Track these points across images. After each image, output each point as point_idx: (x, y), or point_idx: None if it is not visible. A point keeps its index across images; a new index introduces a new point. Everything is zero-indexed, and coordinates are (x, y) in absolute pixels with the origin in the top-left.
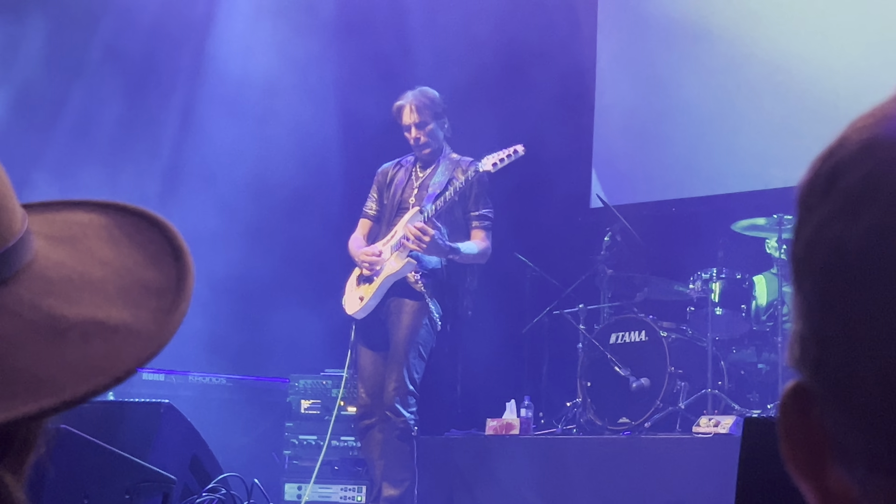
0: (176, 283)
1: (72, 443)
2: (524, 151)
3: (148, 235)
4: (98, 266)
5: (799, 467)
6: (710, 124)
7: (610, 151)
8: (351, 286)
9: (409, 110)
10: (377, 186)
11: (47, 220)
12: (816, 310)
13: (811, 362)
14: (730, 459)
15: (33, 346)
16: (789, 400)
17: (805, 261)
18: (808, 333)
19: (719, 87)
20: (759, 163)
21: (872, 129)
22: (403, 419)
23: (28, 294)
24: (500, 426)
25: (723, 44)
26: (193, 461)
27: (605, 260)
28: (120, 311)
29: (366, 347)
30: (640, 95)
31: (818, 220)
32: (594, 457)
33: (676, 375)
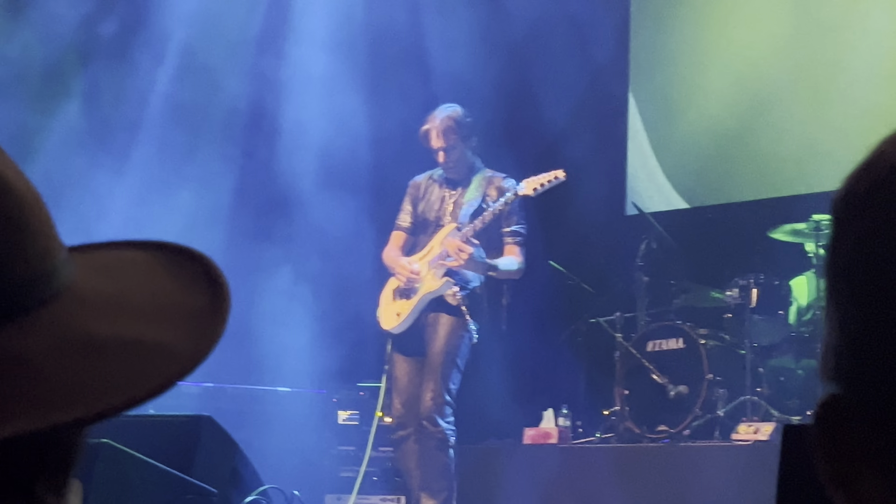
0: (212, 306)
1: (114, 457)
2: (565, 177)
3: (186, 266)
4: (136, 291)
5: (834, 478)
6: (745, 129)
7: (644, 158)
8: (386, 300)
9: (435, 134)
10: (410, 199)
11: (87, 256)
12: (855, 322)
13: (847, 374)
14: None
15: (68, 360)
16: (824, 412)
17: (843, 274)
18: (844, 346)
19: (754, 92)
20: (796, 167)
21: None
22: (440, 429)
23: (65, 314)
24: (537, 435)
25: (756, 49)
26: (234, 474)
27: (641, 267)
28: (156, 331)
29: (401, 359)
30: (674, 101)
31: (857, 233)
32: (633, 465)
33: (715, 382)
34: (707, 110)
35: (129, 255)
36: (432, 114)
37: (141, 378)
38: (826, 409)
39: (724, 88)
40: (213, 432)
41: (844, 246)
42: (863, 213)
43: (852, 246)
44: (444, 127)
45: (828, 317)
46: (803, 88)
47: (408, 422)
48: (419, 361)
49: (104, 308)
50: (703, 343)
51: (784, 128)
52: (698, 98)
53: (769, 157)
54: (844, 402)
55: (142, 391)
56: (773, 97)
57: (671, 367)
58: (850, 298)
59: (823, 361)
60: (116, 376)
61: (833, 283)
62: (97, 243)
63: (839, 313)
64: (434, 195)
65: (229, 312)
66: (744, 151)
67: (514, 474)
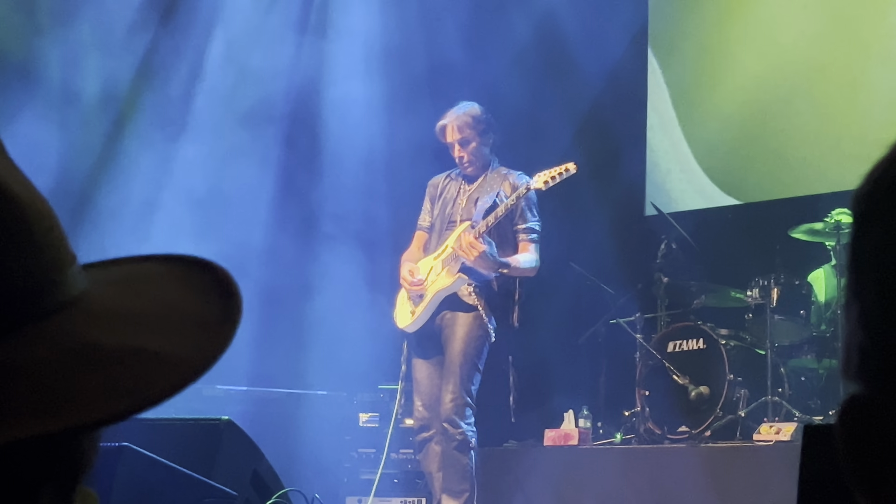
0: (223, 316)
1: (135, 460)
2: (576, 169)
3: (200, 277)
4: (146, 302)
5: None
6: (765, 129)
7: (664, 159)
8: (402, 300)
9: (451, 129)
10: (429, 198)
11: (104, 269)
12: (880, 320)
13: (873, 373)
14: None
15: (69, 368)
16: (848, 412)
17: (868, 270)
18: (869, 343)
19: (771, 91)
20: (815, 167)
21: None
22: (461, 431)
23: (71, 324)
24: (558, 437)
25: (775, 49)
26: (254, 476)
27: (661, 268)
28: (161, 340)
29: (420, 361)
30: (693, 101)
31: (882, 229)
32: (654, 466)
33: (736, 383)
34: (726, 110)
35: (144, 267)
36: (450, 110)
37: (142, 385)
38: (850, 410)
39: (741, 88)
40: (234, 435)
41: (868, 242)
42: (888, 208)
43: (877, 242)
44: (460, 122)
45: (850, 314)
46: (822, 88)
47: (431, 424)
48: (438, 363)
49: (112, 319)
50: (723, 343)
51: (805, 126)
52: (716, 98)
53: (788, 155)
54: (870, 401)
55: (142, 398)
56: (794, 97)
57: (692, 367)
58: (876, 296)
59: (846, 360)
60: (117, 383)
61: (856, 280)
62: (115, 259)
63: (863, 311)
64: (450, 192)
65: (239, 324)
66: (763, 150)
67: (534, 476)
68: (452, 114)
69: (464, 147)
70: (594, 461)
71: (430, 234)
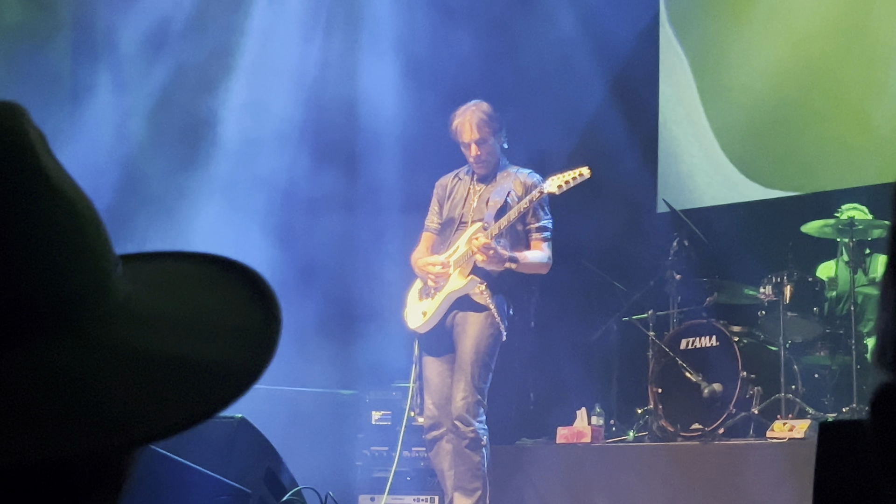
0: (264, 324)
1: (148, 458)
2: (590, 174)
3: (236, 282)
4: (189, 308)
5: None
6: (777, 126)
7: (675, 156)
8: (412, 300)
9: (468, 127)
10: (437, 199)
11: (138, 268)
12: None
13: None
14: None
15: (123, 379)
16: (881, 401)
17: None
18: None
19: (783, 89)
20: (827, 163)
21: None
22: (473, 429)
23: (120, 331)
24: (571, 434)
25: (785, 47)
26: (268, 474)
27: (673, 265)
28: (209, 349)
29: (431, 359)
30: (704, 98)
31: None
32: (667, 464)
33: (749, 380)
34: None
35: (181, 267)
36: (459, 109)
37: (197, 398)
38: (884, 399)
39: (752, 86)
40: (247, 433)
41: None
42: None
43: None
44: (476, 119)
45: (887, 303)
46: (834, 85)
47: (441, 422)
48: (449, 361)
49: (158, 326)
50: (736, 341)
51: (817, 123)
52: (728, 95)
53: (801, 152)
54: None
55: (199, 411)
56: (802, 93)
57: (705, 365)
58: None
59: (881, 348)
60: (173, 397)
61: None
62: (150, 253)
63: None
64: (459, 193)
65: (281, 330)
66: (777, 147)
67: (547, 473)
68: (466, 112)
69: (481, 146)
70: (607, 459)
71: (439, 236)
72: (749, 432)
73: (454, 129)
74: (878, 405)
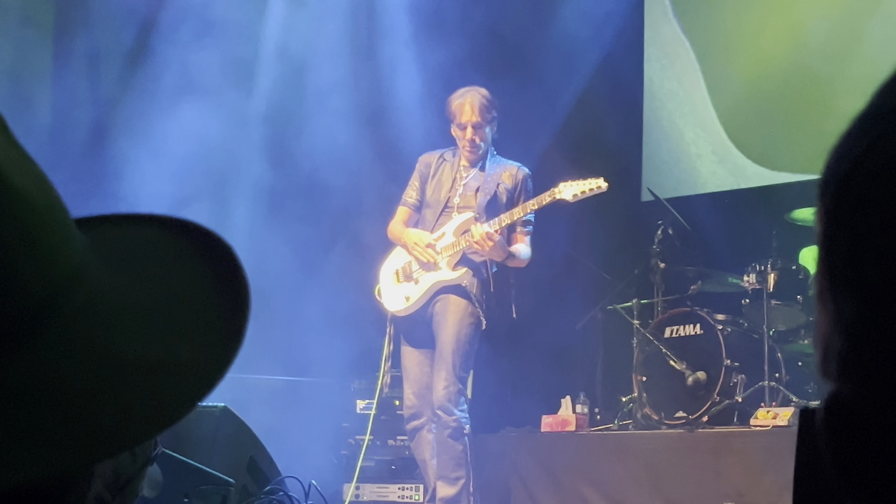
0: (233, 310)
1: None
2: (607, 187)
3: (207, 255)
4: (156, 291)
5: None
6: (761, 112)
7: (660, 144)
8: (389, 279)
9: (469, 109)
10: (419, 175)
11: (104, 237)
12: (861, 324)
13: (856, 375)
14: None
15: (93, 389)
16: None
17: (842, 271)
18: (848, 348)
19: (767, 76)
20: (812, 150)
21: None
22: (455, 418)
23: (85, 331)
24: (555, 423)
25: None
26: (251, 463)
27: (657, 254)
28: (177, 345)
29: (409, 347)
30: (689, 87)
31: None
32: (651, 452)
33: (733, 368)
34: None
35: (146, 235)
36: (459, 90)
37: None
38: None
39: (736, 74)
40: (230, 423)
41: (843, 243)
42: (865, 207)
43: (852, 244)
44: (477, 103)
45: (824, 313)
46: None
47: (422, 411)
48: (428, 350)
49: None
50: (720, 329)
51: (800, 109)
52: (712, 83)
53: (785, 139)
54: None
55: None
56: (787, 79)
57: (689, 353)
58: (852, 300)
59: (823, 360)
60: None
61: (830, 280)
62: (113, 215)
63: (839, 314)
64: (445, 175)
65: (249, 319)
66: (760, 134)
67: (532, 462)
68: (468, 94)
69: (477, 130)
70: (591, 447)
71: (417, 213)
72: (733, 420)
73: (453, 110)
74: (829, 417)
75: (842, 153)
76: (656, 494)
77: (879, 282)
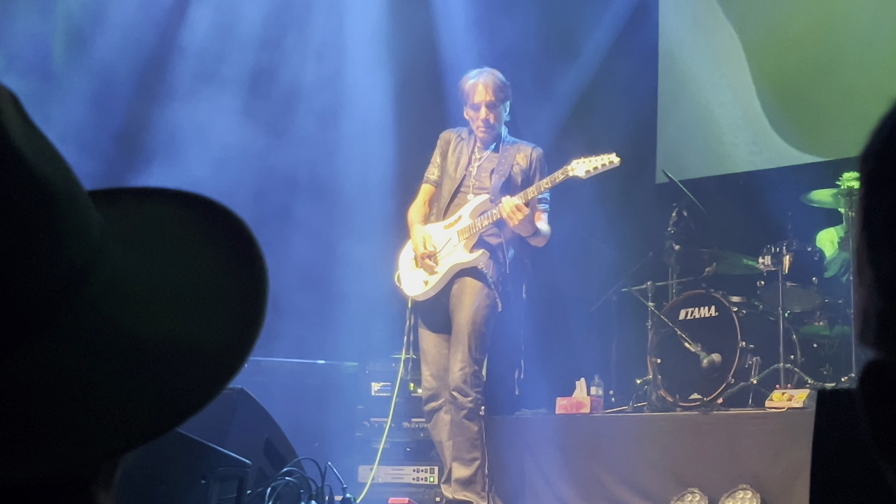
0: (252, 292)
1: None
2: (620, 162)
3: (223, 234)
4: (174, 272)
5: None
6: (777, 95)
7: (674, 126)
8: (408, 265)
9: (482, 88)
10: (440, 151)
11: (122, 214)
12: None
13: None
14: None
15: (116, 375)
16: (869, 379)
17: (882, 234)
18: (888, 308)
19: (783, 59)
20: (828, 133)
21: None
22: (471, 399)
23: (107, 313)
24: (570, 405)
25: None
26: (268, 446)
27: (672, 236)
28: (198, 328)
29: (427, 330)
30: (704, 69)
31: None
32: (666, 434)
33: (748, 350)
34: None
35: (163, 212)
36: (472, 71)
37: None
38: (871, 377)
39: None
40: (247, 405)
41: (882, 205)
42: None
43: (892, 204)
44: (491, 83)
45: (863, 280)
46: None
47: (439, 393)
48: (446, 332)
49: (145, 300)
50: (735, 311)
51: (816, 92)
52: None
53: (802, 121)
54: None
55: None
56: (802, 63)
57: (704, 335)
58: (893, 260)
59: (862, 326)
60: (163, 395)
61: (869, 246)
62: (130, 189)
63: (879, 276)
64: (463, 153)
65: (268, 300)
66: (775, 117)
67: (546, 444)
68: (482, 74)
69: (491, 110)
70: (606, 429)
71: (438, 189)
72: (748, 402)
73: (467, 90)
74: (866, 383)
75: (883, 124)
76: (671, 476)
77: None
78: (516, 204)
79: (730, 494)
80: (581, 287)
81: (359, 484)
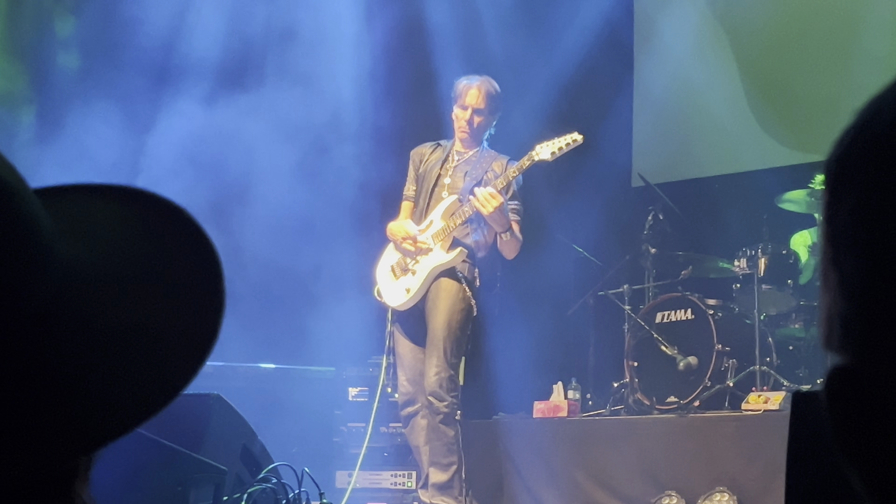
0: (210, 278)
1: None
2: (582, 140)
3: (169, 226)
4: (128, 264)
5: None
6: (752, 98)
7: (650, 129)
8: (386, 276)
9: (476, 92)
10: (413, 166)
11: (66, 213)
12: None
13: (858, 342)
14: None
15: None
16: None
17: (844, 237)
18: (852, 312)
19: (758, 61)
20: (801, 136)
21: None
22: (447, 404)
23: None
24: (547, 409)
25: (761, 19)
26: (244, 451)
27: (648, 239)
28: (163, 314)
29: (403, 336)
30: (679, 72)
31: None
32: (643, 437)
33: (724, 353)
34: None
35: (107, 209)
36: (469, 77)
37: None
38: (836, 382)
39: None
40: (223, 411)
41: (844, 208)
42: (863, 172)
43: (853, 207)
44: (485, 90)
45: (828, 283)
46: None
47: (416, 398)
48: (422, 337)
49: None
50: (711, 314)
51: (792, 96)
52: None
53: (776, 125)
54: (855, 373)
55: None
56: (777, 65)
57: (680, 338)
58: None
59: (827, 331)
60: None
61: (833, 248)
62: (70, 187)
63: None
64: (435, 156)
65: (224, 280)
66: (750, 120)
67: (524, 448)
68: (480, 80)
69: (477, 114)
70: (584, 433)
71: (416, 204)
72: (724, 404)
73: (460, 90)
74: (831, 389)
75: (846, 132)
76: (648, 479)
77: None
78: (490, 192)
79: (707, 496)
80: (557, 291)
81: (336, 489)
